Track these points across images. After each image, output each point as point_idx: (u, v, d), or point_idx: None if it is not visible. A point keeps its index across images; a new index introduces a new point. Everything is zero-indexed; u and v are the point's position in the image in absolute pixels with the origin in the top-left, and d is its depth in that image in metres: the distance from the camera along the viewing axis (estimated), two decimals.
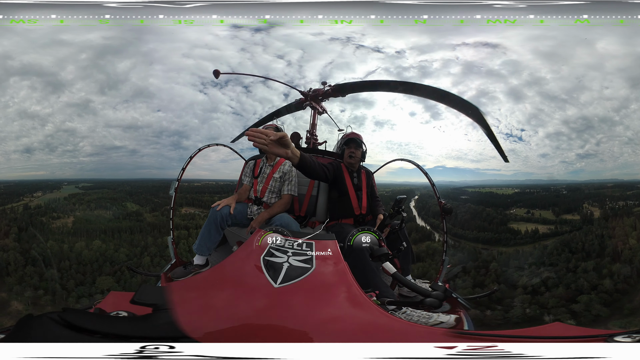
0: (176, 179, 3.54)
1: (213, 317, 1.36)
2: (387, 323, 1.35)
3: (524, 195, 18.86)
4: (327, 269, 1.55)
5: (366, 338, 1.25)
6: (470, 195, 19.63)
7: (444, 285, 1.76)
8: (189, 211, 18.09)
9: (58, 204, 17.80)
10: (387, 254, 1.98)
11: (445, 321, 1.67)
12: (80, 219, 16.94)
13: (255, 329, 1.30)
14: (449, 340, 1.20)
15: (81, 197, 18.84)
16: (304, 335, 1.26)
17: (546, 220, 17.52)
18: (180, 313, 1.30)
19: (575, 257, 15.06)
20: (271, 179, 3.27)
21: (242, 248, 1.73)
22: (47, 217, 17.05)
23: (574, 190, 17.34)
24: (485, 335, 1.21)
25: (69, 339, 1.12)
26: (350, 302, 1.43)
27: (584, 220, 16.49)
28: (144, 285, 1.52)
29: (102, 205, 18.43)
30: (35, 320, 1.15)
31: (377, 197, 3.48)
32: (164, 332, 1.22)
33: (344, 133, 3.71)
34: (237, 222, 3.17)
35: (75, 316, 1.19)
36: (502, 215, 18.14)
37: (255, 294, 1.43)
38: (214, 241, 3.06)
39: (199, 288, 1.56)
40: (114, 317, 1.38)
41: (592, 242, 15.31)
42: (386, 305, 1.72)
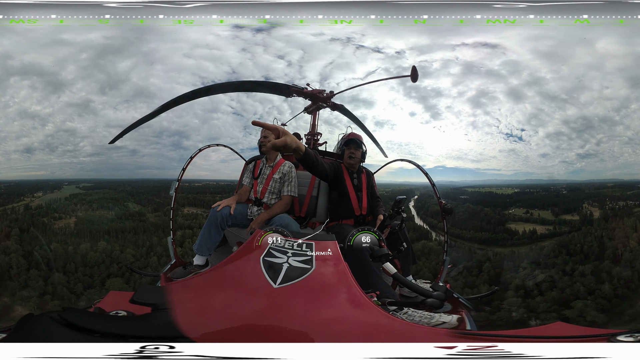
0: (176, 179, 3.54)
1: (212, 317, 1.36)
2: (388, 324, 1.35)
3: (523, 195, 18.73)
4: (327, 270, 1.55)
5: (368, 339, 1.25)
6: (469, 195, 19.57)
7: (444, 285, 1.75)
8: (191, 211, 18.06)
9: (59, 205, 17.70)
10: (388, 255, 1.97)
11: (447, 321, 1.66)
12: (83, 220, 16.83)
13: (255, 330, 1.30)
14: (452, 340, 1.20)
15: (82, 198, 18.75)
16: (304, 335, 1.26)
17: (545, 220, 17.34)
18: (179, 313, 1.30)
19: (572, 259, 14.79)
20: (271, 180, 3.27)
21: (241, 248, 1.73)
22: (49, 217, 16.85)
23: (574, 190, 17.18)
24: (487, 336, 1.21)
25: (69, 339, 1.12)
26: (351, 303, 1.43)
27: (583, 220, 16.27)
28: (144, 285, 1.52)
29: (104, 205, 18.37)
30: (35, 319, 1.15)
31: (377, 197, 3.48)
32: (162, 331, 1.22)
33: (344, 134, 3.71)
34: (237, 222, 3.18)
35: (75, 315, 1.20)
36: (500, 215, 17.97)
37: (255, 295, 1.43)
38: (214, 242, 3.06)
39: (199, 288, 1.56)
40: (113, 317, 1.38)
41: (590, 244, 15.05)
42: (387, 306, 1.72)
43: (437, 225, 18.39)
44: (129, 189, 19.91)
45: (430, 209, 19.53)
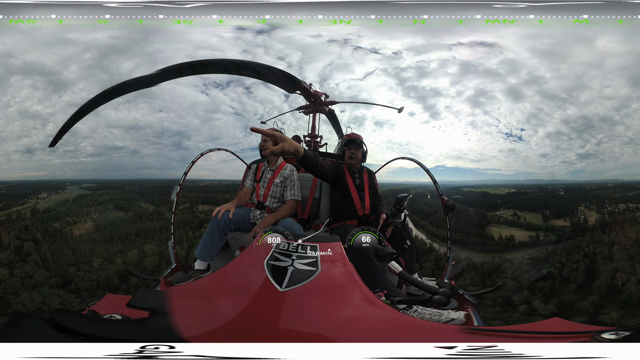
0: (178, 183, 3.54)
1: (215, 321, 1.35)
2: (402, 322, 1.35)
3: (517, 196, 17.43)
4: (333, 271, 1.54)
5: (383, 338, 1.24)
6: (464, 194, 19.04)
7: (450, 282, 1.76)
8: (206, 208, 17.79)
9: (68, 207, 16.90)
10: (392, 254, 1.98)
11: (455, 318, 1.67)
12: (103, 223, 15.92)
13: (260, 334, 1.28)
14: (464, 337, 1.20)
15: (93, 199, 18.11)
16: (322, 337, 1.25)
17: (531, 225, 15.19)
18: (179, 318, 1.29)
19: (545, 284, 9.77)
20: (272, 184, 3.28)
21: (244, 253, 1.72)
22: (62, 222, 15.61)
23: (572, 191, 16.07)
24: (496, 332, 1.22)
25: (56, 340, 1.11)
26: (362, 303, 1.42)
27: (575, 228, 13.38)
28: (143, 289, 1.51)
29: (119, 206, 17.85)
30: (25, 320, 1.14)
31: (379, 196, 3.48)
32: (158, 336, 1.20)
33: (344, 134, 3.71)
34: (239, 227, 3.17)
35: (65, 317, 1.18)
36: (479, 217, 16.36)
37: (260, 298, 1.42)
38: (216, 246, 3.06)
39: (200, 293, 1.55)
40: (105, 320, 1.35)
41: (576, 263, 10.58)
42: (396, 304, 1.72)
43: (418, 222, 17.87)
44: (135, 189, 19.58)
45: (416, 207, 19.01)
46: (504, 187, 18.48)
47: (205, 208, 17.77)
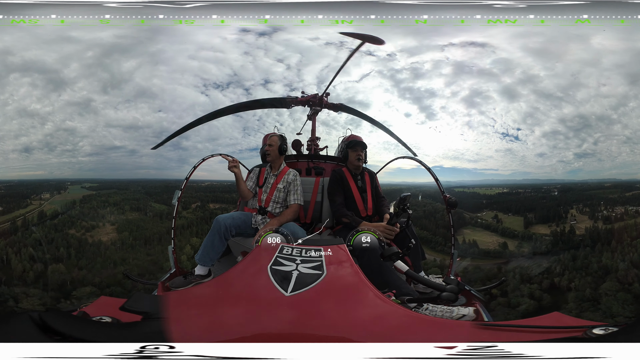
0: (179, 188, 3.53)
1: (216, 327, 1.32)
2: (417, 321, 1.33)
3: (507, 197, 16.08)
4: (339, 273, 1.52)
5: (400, 338, 1.23)
6: (456, 195, 18.72)
7: (456, 278, 1.75)
8: (216, 206, 17.69)
9: (79, 210, 16.06)
10: (398, 253, 1.98)
11: (466, 314, 1.67)
12: (128, 226, 14.75)
13: (267, 339, 1.25)
14: (478, 332, 1.21)
15: (102, 200, 17.58)
16: (332, 339, 1.22)
17: (506, 232, 12.96)
18: (174, 324, 1.26)
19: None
20: (275, 189, 3.25)
21: (247, 258, 1.70)
22: (78, 228, 13.82)
23: (567, 191, 14.96)
24: (507, 326, 1.22)
25: (41, 340, 1.09)
26: (372, 304, 1.40)
27: (556, 240, 10.67)
28: (138, 293, 1.48)
29: (134, 207, 17.31)
30: (14, 317, 1.13)
31: (382, 197, 3.49)
32: (147, 341, 1.18)
33: (344, 136, 3.72)
34: (241, 232, 3.13)
35: (52, 318, 1.17)
36: (456, 217, 15.40)
37: (265, 304, 1.39)
38: (217, 251, 3.00)
39: (201, 298, 1.52)
40: (93, 322, 1.33)
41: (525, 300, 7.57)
42: (406, 303, 1.71)
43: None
44: (140, 189, 19.35)
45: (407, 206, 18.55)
46: (499, 187, 18.05)
47: (216, 206, 17.72)
